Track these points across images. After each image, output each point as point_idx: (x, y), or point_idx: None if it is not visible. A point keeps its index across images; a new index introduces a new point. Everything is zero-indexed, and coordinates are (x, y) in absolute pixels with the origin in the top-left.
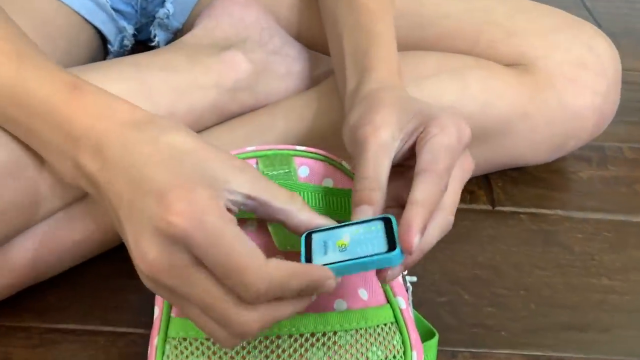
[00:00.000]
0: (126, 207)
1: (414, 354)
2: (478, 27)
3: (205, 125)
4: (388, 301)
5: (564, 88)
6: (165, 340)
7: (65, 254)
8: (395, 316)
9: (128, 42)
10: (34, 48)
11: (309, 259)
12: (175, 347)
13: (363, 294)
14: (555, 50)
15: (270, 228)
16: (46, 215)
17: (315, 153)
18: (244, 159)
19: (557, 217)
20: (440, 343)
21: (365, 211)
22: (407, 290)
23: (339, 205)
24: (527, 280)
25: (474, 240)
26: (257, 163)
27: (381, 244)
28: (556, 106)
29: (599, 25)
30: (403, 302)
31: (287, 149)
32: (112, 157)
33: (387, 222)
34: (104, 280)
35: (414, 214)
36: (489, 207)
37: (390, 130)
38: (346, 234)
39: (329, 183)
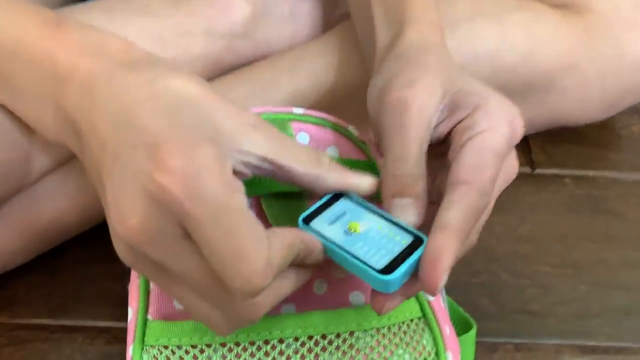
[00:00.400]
0: (109, 158)
1: (449, 355)
2: None
3: None
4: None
5: (622, 33)
6: (142, 349)
7: (35, 238)
8: (422, 309)
9: None
10: None
11: (308, 219)
12: (155, 358)
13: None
14: None
15: (262, 201)
16: (39, 176)
17: (318, 117)
18: None
19: (606, 180)
20: (477, 334)
21: (407, 207)
22: None
23: None
24: (576, 255)
25: (511, 209)
26: None
27: (384, 259)
28: (612, 55)
29: None
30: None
31: (283, 112)
32: (99, 100)
33: (416, 243)
34: (81, 267)
35: (446, 245)
36: (528, 170)
37: (435, 100)
38: (367, 221)
39: (334, 152)
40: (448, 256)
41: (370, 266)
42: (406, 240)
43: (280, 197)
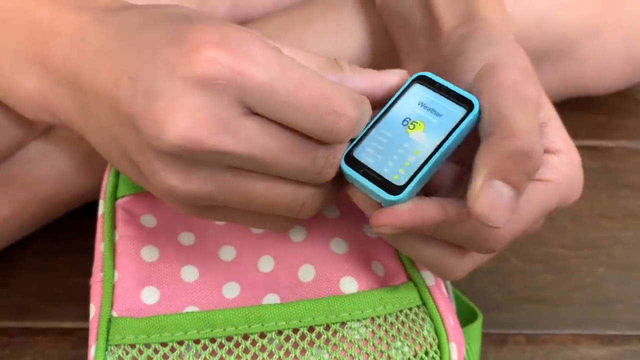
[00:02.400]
0: (129, 86)
1: (452, 346)
2: None
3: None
4: (409, 277)
5: None
6: (106, 350)
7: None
8: (422, 297)
9: None
10: None
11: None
12: (120, 359)
13: (378, 268)
14: None
15: None
16: (10, 149)
17: None
18: None
19: (623, 151)
20: (485, 325)
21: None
22: None
23: None
24: (592, 235)
25: None
26: None
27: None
28: (637, 18)
29: None
30: (431, 276)
31: None
32: (95, 44)
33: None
34: (43, 261)
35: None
36: None
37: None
38: (434, 126)
39: None
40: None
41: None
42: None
43: None
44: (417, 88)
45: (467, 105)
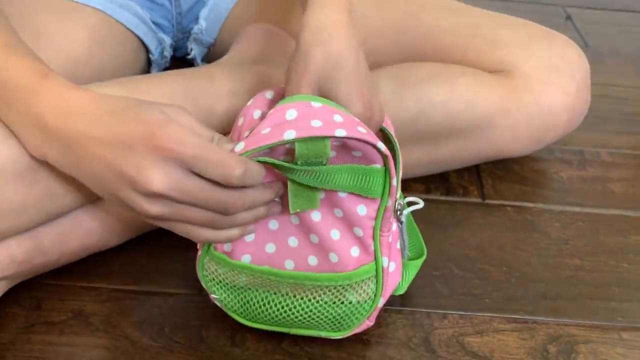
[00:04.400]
0: (118, 159)
1: (383, 298)
2: (468, 39)
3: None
4: (375, 259)
5: (540, 89)
6: (207, 253)
7: (131, 226)
8: (377, 271)
9: (167, 54)
10: (23, 45)
11: None
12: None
13: (355, 251)
14: (532, 58)
15: (290, 188)
16: (62, 211)
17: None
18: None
19: (538, 209)
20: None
21: None
22: (398, 212)
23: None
24: (510, 258)
25: (465, 226)
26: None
27: None
28: (533, 104)
29: (586, 45)
30: (387, 261)
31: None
32: (87, 124)
33: None
34: (155, 252)
35: None
36: (480, 200)
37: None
38: None
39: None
40: None
41: None
42: None
43: (303, 186)
44: None
45: None
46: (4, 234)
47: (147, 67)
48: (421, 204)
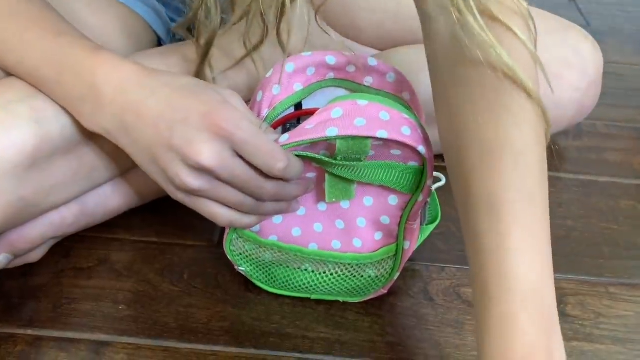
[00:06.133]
0: (168, 130)
1: (397, 274)
2: None
3: None
4: (397, 241)
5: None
6: (234, 231)
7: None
8: (397, 251)
9: None
10: (70, 27)
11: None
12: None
13: (378, 235)
14: (544, 51)
15: (327, 179)
16: (107, 180)
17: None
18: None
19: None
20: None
21: None
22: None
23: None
24: None
25: None
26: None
27: None
28: (541, 96)
29: (588, 24)
30: (408, 244)
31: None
32: (141, 97)
33: None
34: (174, 209)
35: None
36: None
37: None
38: None
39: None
40: None
41: None
42: None
43: (339, 177)
44: None
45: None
46: (58, 204)
47: None
48: (443, 181)
